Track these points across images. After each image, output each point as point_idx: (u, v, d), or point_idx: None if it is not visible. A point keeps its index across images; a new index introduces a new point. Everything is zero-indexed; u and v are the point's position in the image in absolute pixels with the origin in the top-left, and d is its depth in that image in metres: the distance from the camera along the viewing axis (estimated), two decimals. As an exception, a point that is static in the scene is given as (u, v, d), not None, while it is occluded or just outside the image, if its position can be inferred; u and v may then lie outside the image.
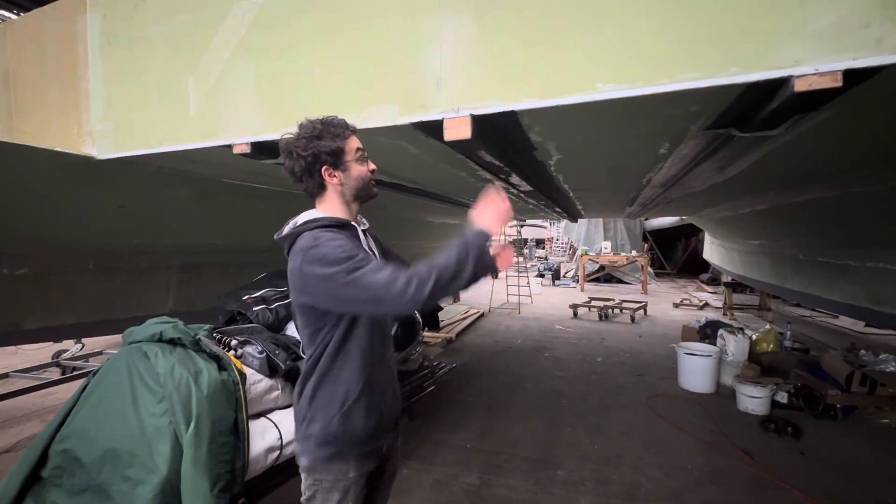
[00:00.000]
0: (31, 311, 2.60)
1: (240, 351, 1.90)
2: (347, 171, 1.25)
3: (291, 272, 1.17)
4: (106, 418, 1.52)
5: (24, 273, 2.51)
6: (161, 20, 2.02)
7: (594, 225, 13.13)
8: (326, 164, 1.22)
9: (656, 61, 1.23)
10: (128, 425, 1.48)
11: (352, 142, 1.26)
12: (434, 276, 1.05)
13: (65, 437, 1.53)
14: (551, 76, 1.33)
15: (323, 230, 1.18)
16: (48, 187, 2.26)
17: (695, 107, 1.41)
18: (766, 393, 3.66)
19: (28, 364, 4.84)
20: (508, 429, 3.44)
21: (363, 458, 1.26)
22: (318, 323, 1.20)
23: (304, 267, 1.12)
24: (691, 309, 8.72)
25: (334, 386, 1.21)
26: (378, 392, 1.27)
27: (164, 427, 1.46)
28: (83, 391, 1.64)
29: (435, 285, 1.04)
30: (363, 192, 1.30)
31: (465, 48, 1.46)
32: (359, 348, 1.23)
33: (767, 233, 5.20)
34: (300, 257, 1.13)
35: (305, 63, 1.73)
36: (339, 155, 1.23)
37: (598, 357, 5.42)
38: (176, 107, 1.99)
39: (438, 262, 1.07)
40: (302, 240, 1.16)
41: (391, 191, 3.11)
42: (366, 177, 1.29)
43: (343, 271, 1.07)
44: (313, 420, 1.21)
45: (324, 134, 1.21)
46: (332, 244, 1.12)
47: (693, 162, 2.19)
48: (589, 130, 1.76)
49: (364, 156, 1.29)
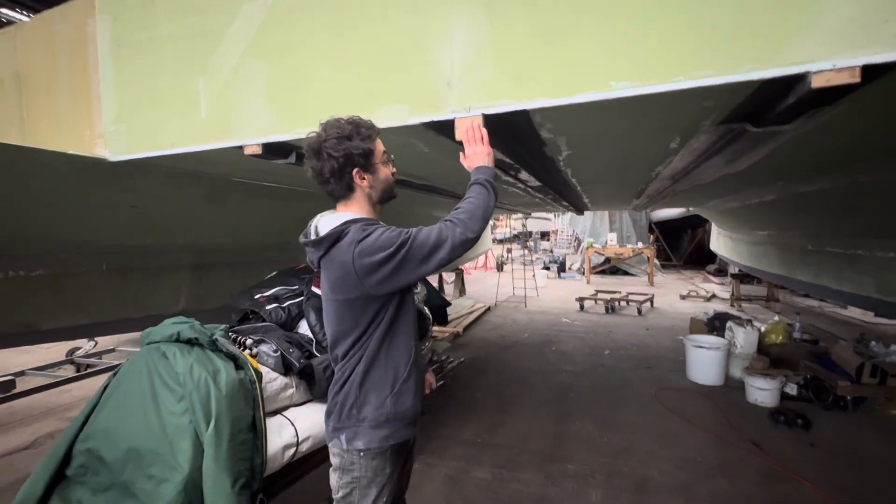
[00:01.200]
0: (47, 311, 2.64)
1: (255, 350, 1.93)
2: (376, 174, 1.27)
3: (340, 268, 1.18)
4: (127, 418, 1.55)
5: (39, 275, 2.55)
6: (170, 22, 2.03)
7: (599, 217, 13.08)
8: (358, 166, 1.23)
9: (671, 58, 1.22)
10: (149, 424, 1.51)
11: (379, 143, 1.28)
12: (473, 210, 1.19)
13: (88, 436, 1.56)
14: (564, 74, 1.33)
15: (367, 224, 1.21)
16: (61, 190, 2.28)
17: (708, 102, 1.41)
18: (775, 385, 3.66)
19: (42, 362, 4.91)
20: (518, 423, 3.47)
21: (399, 451, 1.30)
22: (366, 313, 1.22)
23: (360, 261, 1.14)
24: (698, 300, 8.70)
25: (385, 369, 1.25)
26: (421, 373, 1.36)
27: (185, 426, 1.49)
28: (104, 391, 1.67)
29: (475, 216, 1.18)
30: (388, 194, 1.32)
31: (476, 46, 1.45)
32: (404, 332, 1.28)
33: (775, 223, 5.16)
34: (351, 251, 1.15)
35: (315, 63, 1.73)
36: (369, 157, 1.24)
37: (606, 350, 5.43)
38: (187, 108, 2.00)
39: (472, 200, 1.22)
40: (349, 235, 1.18)
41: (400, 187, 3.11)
42: (391, 179, 1.32)
43: (400, 244, 1.13)
44: (365, 404, 1.24)
45: (353, 134, 1.22)
46: (381, 229, 1.17)
47: (704, 155, 2.18)
48: (600, 126, 1.76)
49: (390, 157, 1.30)
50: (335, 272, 1.20)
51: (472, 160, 1.33)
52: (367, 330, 1.23)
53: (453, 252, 1.15)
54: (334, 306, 1.25)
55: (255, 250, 3.77)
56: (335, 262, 1.19)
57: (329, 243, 1.20)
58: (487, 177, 1.28)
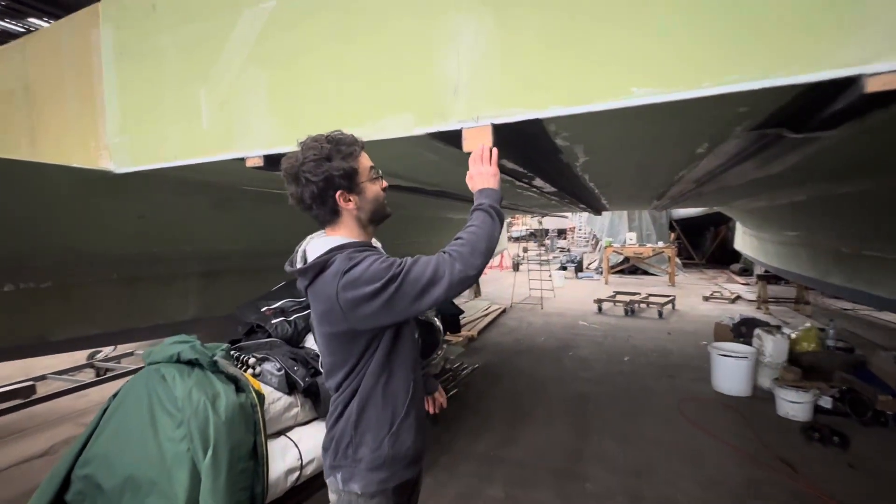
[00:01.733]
0: (57, 322, 2.64)
1: (258, 369, 1.86)
2: (363, 194, 1.16)
3: (325, 302, 1.08)
4: (126, 444, 1.50)
5: (48, 286, 2.55)
6: (172, 30, 1.98)
7: (618, 215, 12.78)
8: (340, 189, 1.12)
9: (701, 62, 1.09)
10: (147, 451, 1.46)
11: (364, 159, 1.18)
12: (475, 242, 1.07)
13: (86, 461, 1.52)
14: (581, 80, 1.22)
15: (356, 251, 1.10)
16: (66, 203, 2.26)
17: (743, 108, 1.27)
18: (808, 398, 3.45)
19: (66, 365, 5.00)
20: (532, 436, 3.35)
21: (400, 490, 1.21)
22: (355, 346, 1.13)
23: (343, 294, 1.03)
24: (722, 302, 8.39)
25: (382, 407, 1.15)
26: (421, 408, 1.26)
27: (183, 454, 1.43)
28: (104, 414, 1.62)
29: (477, 250, 1.06)
30: (379, 213, 1.22)
31: (484, 51, 1.35)
32: (401, 366, 1.18)
33: (807, 224, 4.90)
34: (335, 284, 1.05)
35: (317, 71, 1.65)
36: (352, 176, 1.13)
37: (625, 356, 5.26)
38: (189, 119, 1.95)
39: (475, 231, 1.10)
40: (334, 265, 1.07)
41: (410, 194, 3.03)
42: (380, 196, 1.21)
43: (390, 279, 1.02)
44: (361, 444, 1.15)
45: (333, 154, 1.11)
46: (370, 259, 1.06)
47: (733, 160, 2.02)
48: (621, 133, 1.63)
49: (378, 173, 1.20)
50: (320, 304, 1.10)
51: (476, 181, 1.22)
52: (359, 363, 1.14)
53: (450, 291, 1.03)
54: (323, 338, 1.17)
55: (264, 256, 3.73)
56: (320, 295, 1.09)
57: (313, 273, 1.10)
58: (492, 201, 1.17)
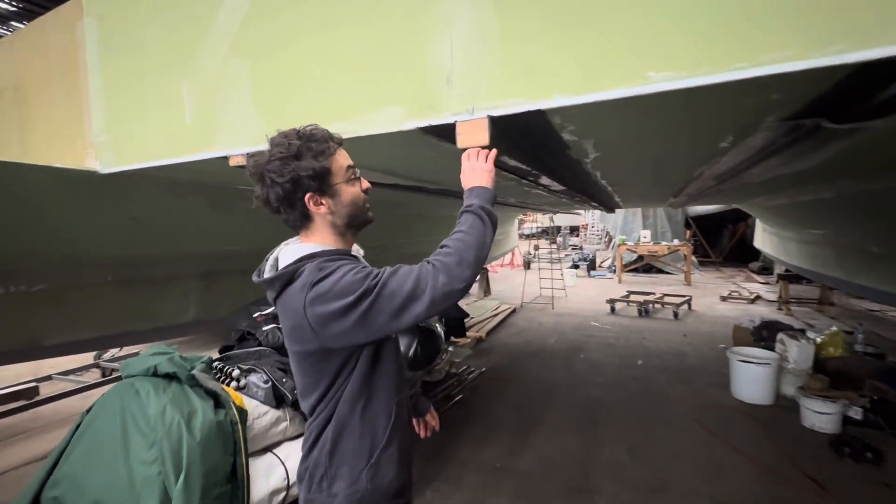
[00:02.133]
0: (50, 327, 2.57)
1: (243, 381, 1.75)
2: (337, 196, 1.03)
3: (293, 317, 0.96)
4: (96, 464, 1.41)
5: (40, 289, 2.48)
6: (155, 20, 1.87)
7: (632, 213, 12.47)
8: (310, 191, 1.00)
9: (730, 39, 0.93)
10: (117, 474, 1.36)
11: (340, 158, 1.04)
12: (463, 251, 0.94)
13: (56, 482, 1.44)
14: (589, 65, 1.06)
15: (327, 260, 0.98)
16: (54, 204, 2.18)
17: (777, 95, 1.10)
18: (836, 409, 3.24)
19: (70, 365, 5.00)
20: (541, 445, 3.20)
21: None
22: (330, 366, 1.01)
23: (311, 309, 0.91)
24: (741, 302, 8.10)
25: (359, 437, 1.03)
26: (406, 436, 1.11)
27: (154, 478, 1.33)
28: (76, 430, 1.53)
29: (465, 260, 0.93)
30: (357, 218, 1.08)
31: (481, 35, 1.20)
32: (382, 389, 1.05)
33: (834, 222, 4.63)
34: (302, 297, 0.93)
35: (302, 61, 1.52)
36: (324, 177, 1.01)
37: (639, 360, 5.06)
38: (172, 115, 1.84)
39: (462, 237, 0.97)
40: (302, 276, 0.95)
41: (410, 192, 2.89)
42: (359, 199, 1.07)
43: (363, 293, 0.89)
44: (336, 478, 1.03)
45: (303, 152, 0.99)
46: (343, 270, 0.93)
47: (759, 155, 1.84)
48: (635, 126, 1.47)
49: (356, 174, 1.07)
50: (288, 320, 0.98)
51: (468, 178, 1.10)
52: (333, 385, 1.02)
53: (433, 307, 0.90)
54: (293, 357, 1.05)
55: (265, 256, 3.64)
56: (288, 309, 0.97)
57: (281, 285, 0.98)
58: (483, 202, 1.04)
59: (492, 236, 1.00)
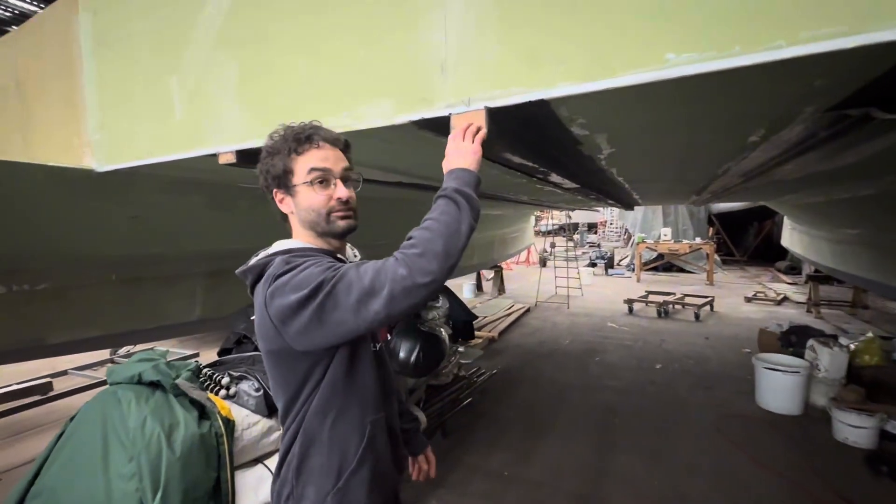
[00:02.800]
0: (54, 325, 2.57)
1: (233, 389, 1.68)
2: (296, 198, 0.98)
3: (258, 311, 0.91)
4: (75, 476, 1.35)
5: (44, 288, 2.47)
6: (145, 13, 1.80)
7: (652, 210, 12.10)
8: (278, 188, 0.99)
9: (763, 14, 0.79)
10: (94, 488, 1.30)
11: (307, 158, 0.96)
12: (430, 240, 0.81)
13: (36, 493, 1.38)
14: (598, 48, 0.93)
15: (298, 255, 0.92)
16: (54, 202, 2.15)
17: (821, 80, 0.95)
18: (873, 422, 3.01)
19: (86, 360, 5.09)
20: (552, 452, 3.08)
21: None
22: (296, 372, 0.93)
23: (271, 303, 0.85)
24: (767, 304, 7.76)
25: (327, 454, 0.94)
26: (382, 459, 1.00)
27: (131, 494, 1.27)
28: (58, 439, 1.47)
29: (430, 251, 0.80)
30: (319, 226, 0.98)
31: (477, 18, 1.08)
32: (355, 403, 0.95)
33: (872, 221, 4.34)
34: (264, 290, 0.88)
35: (288, 53, 1.42)
36: (283, 177, 0.98)
37: (657, 364, 4.86)
38: (162, 111, 1.77)
39: (431, 225, 0.85)
40: (270, 268, 0.90)
41: (415, 191, 2.78)
42: (319, 206, 0.96)
43: (318, 286, 0.81)
44: (302, 498, 0.94)
45: (280, 148, 0.97)
46: (308, 263, 0.86)
47: (794, 150, 1.66)
48: (652, 116, 1.32)
49: (320, 178, 0.96)
50: (257, 315, 0.92)
51: (450, 160, 0.97)
52: (300, 395, 0.94)
53: (392, 304, 0.77)
54: (263, 357, 0.99)
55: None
56: (256, 304, 0.92)
57: (252, 278, 0.96)
58: (462, 184, 0.90)
59: (470, 223, 0.86)
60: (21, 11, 10.73)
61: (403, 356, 2.27)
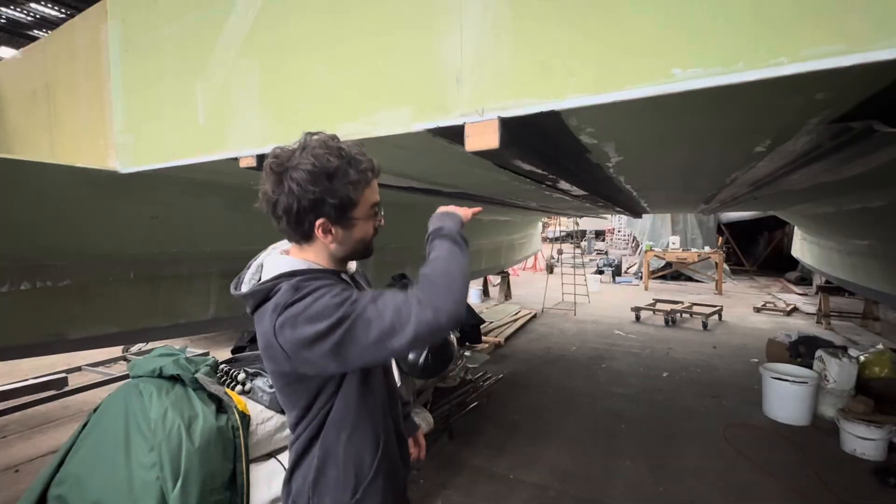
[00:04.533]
0: (75, 321, 2.64)
1: (248, 385, 1.73)
2: (350, 231, 0.94)
3: (264, 338, 0.89)
4: (98, 464, 1.41)
5: (66, 284, 2.55)
6: (172, 21, 1.88)
7: (660, 218, 12.06)
8: (326, 217, 0.90)
9: (767, 31, 0.83)
10: (117, 476, 1.36)
11: (370, 192, 0.95)
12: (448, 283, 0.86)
13: (61, 480, 1.44)
14: (607, 61, 0.97)
15: (306, 279, 0.89)
16: (78, 202, 2.23)
17: (823, 94, 0.98)
18: (881, 434, 2.99)
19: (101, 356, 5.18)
20: (558, 457, 3.09)
21: None
22: (307, 391, 0.95)
23: (281, 333, 0.83)
24: (776, 314, 7.69)
25: (344, 468, 0.96)
26: (394, 465, 1.04)
27: (152, 482, 1.32)
28: (83, 429, 1.53)
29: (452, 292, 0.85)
30: (358, 253, 1.01)
31: (492, 31, 1.13)
32: (369, 414, 0.98)
33: (882, 232, 4.32)
34: (273, 319, 0.85)
35: (310, 60, 1.48)
36: (347, 209, 0.91)
37: (664, 372, 4.85)
38: (186, 115, 1.84)
39: (442, 266, 0.90)
40: (276, 296, 0.87)
41: (425, 195, 2.84)
42: (368, 237, 0.99)
43: (338, 321, 0.80)
44: None
45: (339, 173, 0.88)
46: (320, 292, 0.84)
47: (800, 161, 1.69)
48: (659, 127, 1.36)
49: (377, 211, 0.99)
50: (262, 339, 0.90)
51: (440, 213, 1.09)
52: (311, 409, 0.96)
53: (415, 343, 0.80)
54: (269, 375, 0.99)
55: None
56: (260, 328, 0.90)
57: (255, 303, 0.91)
58: (459, 226, 1.03)
59: (468, 264, 0.95)
60: (42, 16, 11.06)
61: (412, 358, 2.32)
